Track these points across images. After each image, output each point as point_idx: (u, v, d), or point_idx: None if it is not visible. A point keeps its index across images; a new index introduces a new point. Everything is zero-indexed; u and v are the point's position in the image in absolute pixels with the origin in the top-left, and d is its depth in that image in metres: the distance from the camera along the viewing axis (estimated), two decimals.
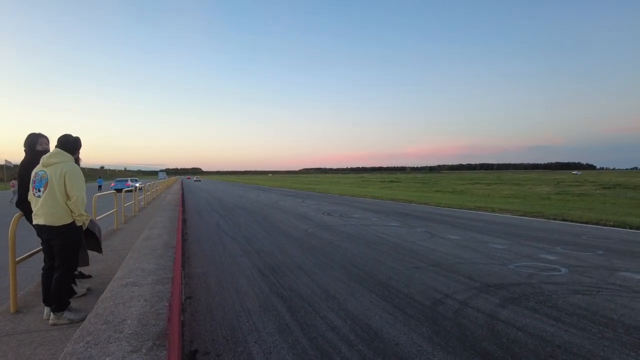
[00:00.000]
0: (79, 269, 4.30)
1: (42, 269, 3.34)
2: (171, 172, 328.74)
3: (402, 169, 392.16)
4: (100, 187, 36.25)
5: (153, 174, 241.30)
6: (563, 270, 5.35)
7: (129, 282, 2.66)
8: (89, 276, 4.49)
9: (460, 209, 14.20)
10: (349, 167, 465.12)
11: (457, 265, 5.60)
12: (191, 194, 27.66)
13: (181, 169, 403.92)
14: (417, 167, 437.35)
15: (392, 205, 16.04)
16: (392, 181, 55.58)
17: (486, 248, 6.80)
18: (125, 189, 13.25)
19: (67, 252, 3.15)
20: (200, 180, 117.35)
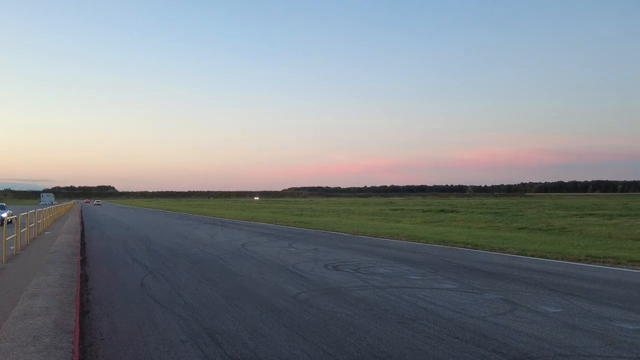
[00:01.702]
0: None
1: None
2: (63, 192, 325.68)
3: (461, 190, 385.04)
4: None
5: (33, 195, 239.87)
6: None
7: None
8: None
9: (562, 259, 14.21)
10: (367, 185, 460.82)
11: None
12: (98, 231, 27.73)
13: (80, 187, 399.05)
14: (485, 187, 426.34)
15: (443, 253, 16.04)
16: (442, 210, 55.22)
17: (608, 329, 6.78)
18: None
19: None
20: (100, 204, 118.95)
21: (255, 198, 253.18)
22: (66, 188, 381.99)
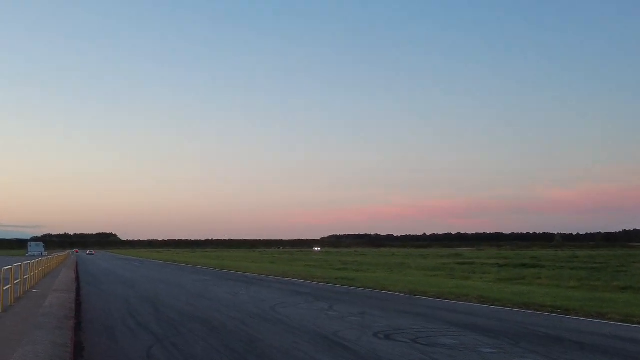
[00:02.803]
0: None
1: None
2: (56, 241, 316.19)
3: (546, 238, 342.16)
4: None
5: (19, 245, 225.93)
6: None
7: None
8: None
9: None
10: (426, 232, 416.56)
11: None
12: (97, 289, 27.90)
13: (76, 235, 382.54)
14: (577, 235, 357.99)
15: (525, 319, 15.19)
16: (523, 264, 52.02)
17: None
18: None
19: None
20: (93, 254, 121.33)
21: (316, 249, 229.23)
22: (59, 236, 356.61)
